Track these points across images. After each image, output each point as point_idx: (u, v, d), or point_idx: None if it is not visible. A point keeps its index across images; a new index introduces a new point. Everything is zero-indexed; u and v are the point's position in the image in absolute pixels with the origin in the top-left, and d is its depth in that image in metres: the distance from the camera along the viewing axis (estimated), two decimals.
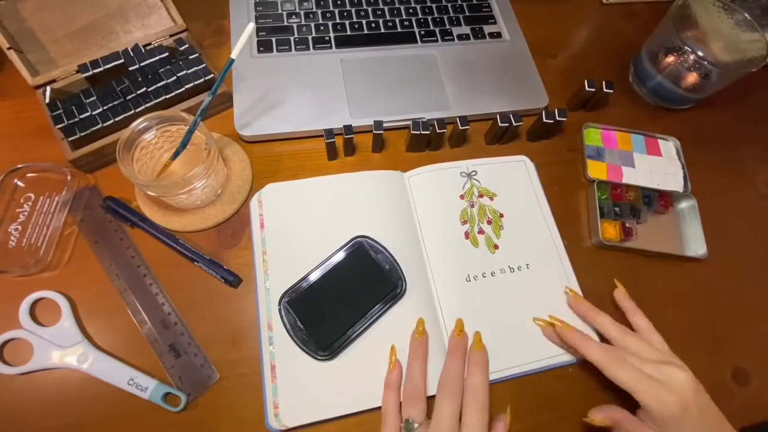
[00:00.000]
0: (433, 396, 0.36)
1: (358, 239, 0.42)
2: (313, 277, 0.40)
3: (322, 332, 0.38)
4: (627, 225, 0.46)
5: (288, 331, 0.38)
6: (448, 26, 0.56)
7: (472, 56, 0.54)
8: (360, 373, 0.38)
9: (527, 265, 0.44)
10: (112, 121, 0.43)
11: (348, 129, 0.44)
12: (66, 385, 0.37)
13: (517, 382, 0.40)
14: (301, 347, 0.38)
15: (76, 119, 0.42)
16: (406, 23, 0.55)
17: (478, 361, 0.37)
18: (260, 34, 0.52)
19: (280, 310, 0.39)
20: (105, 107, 0.44)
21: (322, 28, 0.54)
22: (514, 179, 0.48)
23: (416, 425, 0.34)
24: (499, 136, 0.49)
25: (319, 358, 0.38)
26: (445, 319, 0.41)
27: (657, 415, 0.33)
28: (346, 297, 0.39)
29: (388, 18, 0.55)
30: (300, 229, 0.43)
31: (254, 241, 0.43)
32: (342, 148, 0.48)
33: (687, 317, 0.44)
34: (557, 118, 0.47)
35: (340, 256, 0.41)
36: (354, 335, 0.38)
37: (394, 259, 0.41)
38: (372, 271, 0.40)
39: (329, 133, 0.43)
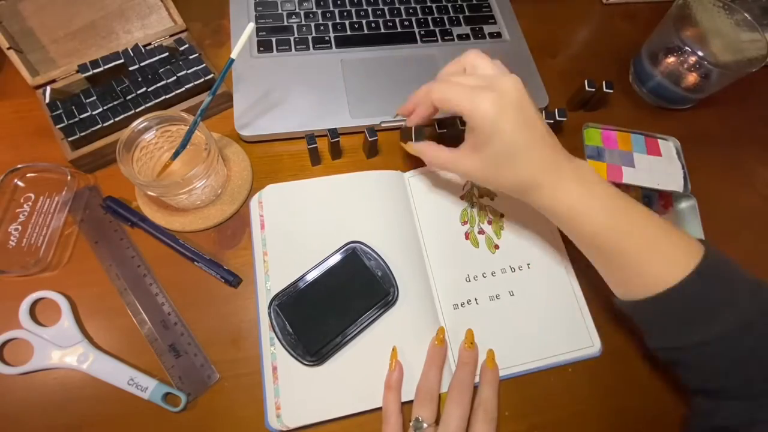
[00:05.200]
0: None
1: (352, 245, 0.41)
2: (305, 281, 0.40)
3: (311, 337, 0.38)
4: None
5: (277, 335, 0.38)
6: (448, 26, 0.56)
7: None
8: (360, 375, 0.38)
9: (528, 264, 0.44)
10: (112, 121, 0.43)
11: (333, 133, 0.44)
12: (66, 385, 0.37)
13: (517, 381, 0.40)
14: (289, 351, 0.37)
15: (76, 119, 0.42)
16: (406, 23, 0.55)
17: (490, 378, 0.38)
18: (260, 34, 0.52)
19: (269, 313, 0.39)
20: (105, 107, 0.44)
21: (322, 28, 0.54)
22: None
23: (426, 425, 0.34)
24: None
25: (306, 363, 0.37)
26: (446, 320, 0.41)
27: (474, 120, 0.31)
28: (337, 303, 0.39)
29: (388, 18, 0.55)
30: (301, 229, 0.43)
31: (254, 241, 0.43)
32: (329, 151, 0.48)
33: None
34: (557, 118, 0.47)
35: (333, 261, 0.41)
36: (343, 342, 0.38)
37: (387, 266, 0.41)
38: (364, 277, 0.40)
39: (311, 138, 0.44)
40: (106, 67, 0.45)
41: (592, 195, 0.33)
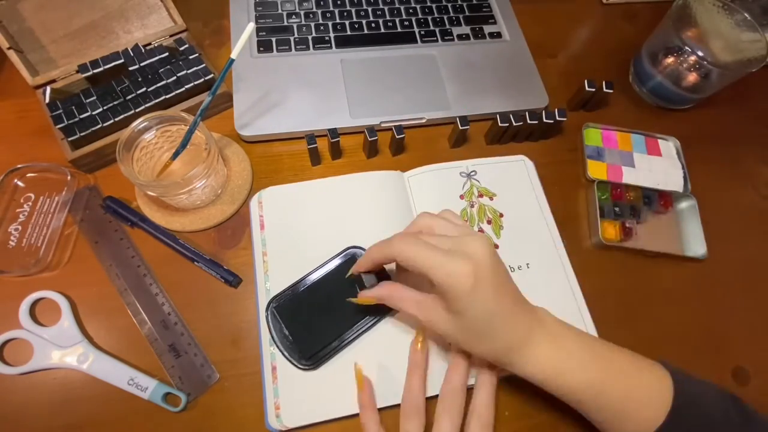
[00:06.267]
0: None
1: (351, 250, 0.41)
2: (303, 285, 0.40)
3: (307, 342, 0.38)
4: (627, 225, 0.46)
5: (273, 337, 0.38)
6: (448, 26, 0.56)
7: (472, 56, 0.54)
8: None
9: (527, 264, 0.44)
10: (112, 121, 0.43)
11: (333, 133, 0.44)
12: (66, 385, 0.37)
13: (517, 381, 0.40)
14: (285, 355, 0.37)
15: (76, 119, 0.42)
16: (406, 23, 0.55)
17: (487, 380, 0.36)
18: (260, 34, 0.52)
19: (267, 316, 0.39)
20: (105, 107, 0.44)
21: (322, 28, 0.54)
22: (513, 179, 0.48)
23: None
24: (499, 136, 0.49)
25: (301, 367, 0.37)
26: None
27: (450, 291, 0.29)
28: (335, 308, 0.39)
29: (388, 18, 0.55)
30: (300, 230, 0.43)
31: (254, 241, 0.43)
32: (329, 151, 0.48)
33: (687, 317, 0.44)
34: (557, 118, 0.47)
35: (332, 265, 0.41)
36: (340, 347, 0.38)
37: (386, 273, 0.40)
38: (362, 283, 0.39)
39: (311, 138, 0.43)
40: (106, 67, 0.45)
41: (566, 353, 0.32)
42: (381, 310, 0.39)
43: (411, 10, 0.56)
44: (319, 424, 0.36)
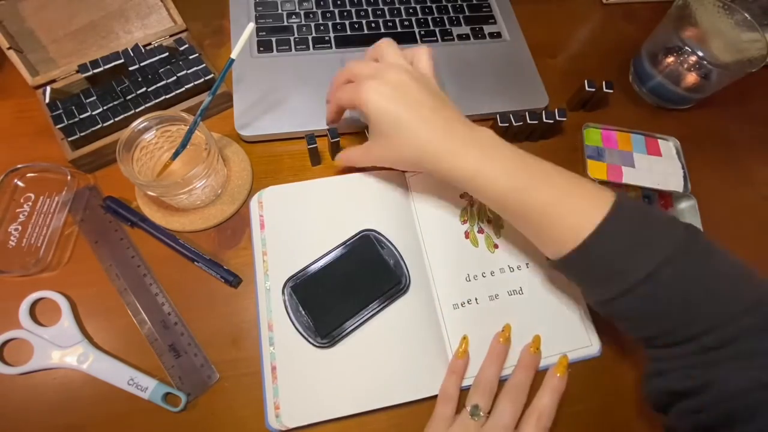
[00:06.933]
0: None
1: (366, 232, 0.42)
2: (319, 264, 0.41)
3: (324, 319, 0.39)
4: None
5: (289, 315, 0.39)
6: (448, 26, 0.56)
7: (472, 56, 0.54)
8: (360, 375, 0.38)
9: (526, 264, 0.44)
10: (112, 121, 0.43)
11: (333, 133, 0.44)
12: (66, 385, 0.37)
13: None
14: (301, 333, 0.38)
15: (76, 119, 0.42)
16: (406, 23, 0.55)
17: (556, 386, 0.37)
18: (260, 34, 0.52)
19: (284, 292, 0.39)
20: (105, 107, 0.44)
21: (322, 28, 0.54)
22: None
23: (482, 414, 0.36)
24: (499, 136, 0.49)
25: (318, 345, 0.38)
26: (445, 319, 0.41)
27: (363, 111, 0.35)
28: (350, 287, 0.40)
29: (388, 18, 0.55)
30: (300, 230, 0.43)
31: (254, 241, 0.43)
32: (329, 151, 0.48)
33: None
34: (557, 118, 0.47)
35: (348, 247, 0.42)
36: (354, 326, 0.39)
37: (400, 255, 0.41)
38: (377, 264, 0.41)
39: (311, 138, 0.44)
40: (106, 67, 0.45)
41: (492, 158, 0.33)
42: (394, 293, 0.40)
43: (411, 10, 0.56)
44: (319, 424, 0.36)
